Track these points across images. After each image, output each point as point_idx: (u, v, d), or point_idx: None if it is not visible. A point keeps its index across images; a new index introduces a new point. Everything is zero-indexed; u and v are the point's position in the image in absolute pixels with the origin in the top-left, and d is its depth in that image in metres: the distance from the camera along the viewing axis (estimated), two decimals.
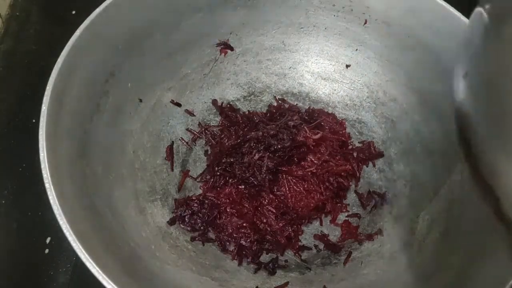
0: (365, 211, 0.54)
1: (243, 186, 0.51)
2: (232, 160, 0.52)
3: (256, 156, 0.50)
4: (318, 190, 0.52)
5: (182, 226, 0.50)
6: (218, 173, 0.52)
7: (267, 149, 0.51)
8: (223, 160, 0.52)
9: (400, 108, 0.57)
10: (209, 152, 0.56)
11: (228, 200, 0.51)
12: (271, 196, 0.51)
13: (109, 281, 0.34)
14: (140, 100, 0.53)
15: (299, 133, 0.51)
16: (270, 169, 0.51)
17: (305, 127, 0.52)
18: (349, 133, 0.59)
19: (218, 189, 0.52)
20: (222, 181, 0.52)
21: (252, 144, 0.51)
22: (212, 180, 0.53)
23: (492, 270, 0.39)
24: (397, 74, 0.57)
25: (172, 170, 0.54)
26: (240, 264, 0.50)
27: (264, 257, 0.51)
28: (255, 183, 0.51)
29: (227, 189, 0.52)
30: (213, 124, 0.58)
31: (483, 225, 0.43)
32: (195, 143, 0.57)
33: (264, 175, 0.50)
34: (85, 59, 0.44)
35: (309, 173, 0.51)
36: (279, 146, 0.51)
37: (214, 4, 0.54)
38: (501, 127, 0.22)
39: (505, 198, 0.22)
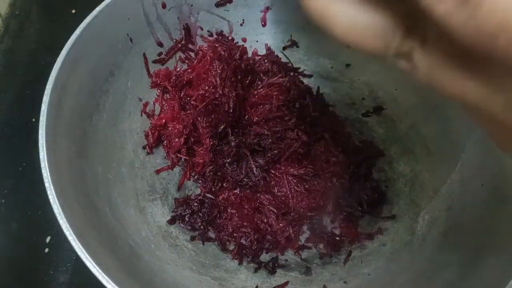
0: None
1: (237, 190, 0.51)
2: (221, 163, 0.52)
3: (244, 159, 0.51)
4: (319, 190, 0.51)
5: (182, 226, 0.50)
6: (209, 178, 0.52)
7: (252, 149, 0.51)
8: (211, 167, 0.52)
9: (400, 108, 0.57)
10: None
11: (227, 203, 0.51)
12: (267, 196, 0.51)
13: (109, 281, 0.34)
14: (140, 100, 0.52)
15: (286, 132, 0.52)
16: (262, 166, 0.50)
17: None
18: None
19: (217, 192, 0.52)
20: (218, 186, 0.52)
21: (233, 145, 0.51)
22: (210, 184, 0.52)
23: (492, 270, 0.39)
24: (397, 73, 0.56)
25: (172, 169, 0.54)
26: (240, 263, 0.50)
27: (264, 256, 0.51)
28: (250, 184, 0.51)
29: (224, 194, 0.51)
30: None
31: (483, 225, 0.43)
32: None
33: (257, 174, 0.50)
34: (85, 58, 0.44)
35: (310, 172, 0.51)
36: (263, 145, 0.51)
37: (214, 3, 0.54)
38: None
39: None
